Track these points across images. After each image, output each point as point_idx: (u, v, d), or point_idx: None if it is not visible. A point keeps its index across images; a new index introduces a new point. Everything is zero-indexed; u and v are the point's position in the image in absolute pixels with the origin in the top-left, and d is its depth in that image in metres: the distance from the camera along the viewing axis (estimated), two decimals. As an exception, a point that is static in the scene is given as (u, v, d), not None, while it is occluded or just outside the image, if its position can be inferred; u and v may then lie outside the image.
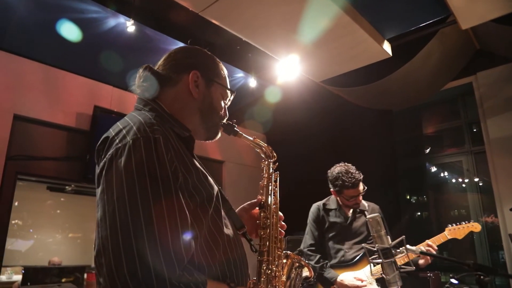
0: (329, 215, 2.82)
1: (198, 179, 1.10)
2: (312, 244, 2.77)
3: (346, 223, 2.76)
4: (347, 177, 2.63)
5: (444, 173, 5.24)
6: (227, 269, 1.11)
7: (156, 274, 0.86)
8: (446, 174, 5.22)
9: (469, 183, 4.79)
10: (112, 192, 0.93)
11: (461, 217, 4.78)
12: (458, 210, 4.93)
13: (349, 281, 2.51)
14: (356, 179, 2.63)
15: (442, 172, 5.25)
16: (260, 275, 1.24)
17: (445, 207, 5.09)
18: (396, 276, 1.54)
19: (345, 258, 2.67)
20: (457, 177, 5.05)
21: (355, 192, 2.65)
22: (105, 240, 0.89)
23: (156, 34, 3.41)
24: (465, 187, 4.84)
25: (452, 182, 5.16)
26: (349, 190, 2.64)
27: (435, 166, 5.26)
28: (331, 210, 2.83)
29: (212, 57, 1.35)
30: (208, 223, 1.10)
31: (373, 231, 1.63)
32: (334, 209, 2.82)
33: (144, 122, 1.03)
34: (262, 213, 1.35)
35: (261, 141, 1.46)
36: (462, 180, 4.94)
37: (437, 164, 5.24)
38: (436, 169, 5.27)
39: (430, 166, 5.27)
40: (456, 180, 5.09)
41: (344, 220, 2.78)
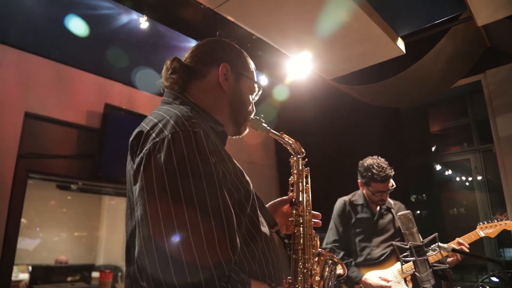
0: (356, 211, 2.73)
1: (235, 175, 1.07)
2: (336, 240, 2.69)
3: (373, 219, 2.69)
4: (378, 170, 2.56)
5: (451, 171, 5.23)
6: (266, 268, 1.08)
7: (205, 277, 0.83)
8: (454, 172, 5.22)
9: (477, 181, 4.78)
10: (152, 189, 0.89)
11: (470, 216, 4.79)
12: (467, 208, 4.94)
13: (373, 281, 2.42)
14: (386, 174, 2.56)
15: (449, 170, 5.24)
16: (296, 274, 1.21)
17: (453, 206, 5.09)
18: (429, 274, 1.53)
19: (371, 256, 2.59)
20: (465, 175, 5.05)
21: (383, 187, 2.58)
22: (147, 241, 0.85)
23: (168, 31, 3.38)
24: (473, 185, 4.84)
25: (460, 181, 5.15)
26: (377, 184, 2.57)
27: (442, 164, 5.26)
28: (358, 205, 2.75)
29: (240, 50, 1.33)
30: (246, 221, 1.07)
31: (404, 228, 1.61)
32: (361, 205, 2.74)
33: (181, 115, 0.99)
34: (294, 210, 1.32)
35: (289, 137, 1.43)
36: (469, 178, 4.94)
37: (444, 162, 5.23)
38: (443, 167, 5.26)
39: (437, 164, 5.26)
40: (464, 178, 5.08)
41: (371, 216, 2.70)
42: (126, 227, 1.07)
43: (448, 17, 3.30)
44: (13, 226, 3.21)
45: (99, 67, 3.70)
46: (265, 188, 5.14)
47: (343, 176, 4.60)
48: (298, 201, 1.33)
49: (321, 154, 5.11)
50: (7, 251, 3.13)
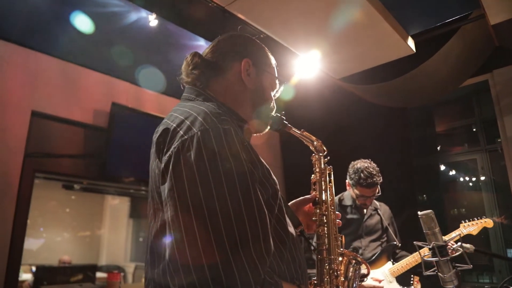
0: (346, 212, 2.77)
1: (263, 174, 1.04)
2: None
3: (362, 220, 2.74)
4: (365, 175, 2.56)
5: (457, 171, 5.22)
6: (294, 269, 1.06)
7: (241, 279, 0.80)
8: (460, 172, 5.20)
9: (483, 181, 4.77)
10: (183, 189, 0.85)
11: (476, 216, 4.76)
12: (473, 208, 4.92)
13: (366, 282, 2.44)
14: (373, 181, 2.56)
15: (455, 170, 5.22)
16: (322, 275, 1.19)
17: (459, 206, 5.07)
18: (453, 275, 1.50)
19: (363, 257, 2.63)
20: (471, 175, 5.03)
21: (368, 192, 2.60)
22: (180, 243, 0.82)
23: (177, 29, 3.34)
24: (480, 185, 4.82)
25: (466, 181, 5.14)
26: (362, 189, 2.59)
27: (448, 164, 5.24)
28: (347, 206, 2.78)
29: (261, 45, 1.30)
30: (273, 221, 1.03)
31: (425, 228, 1.59)
32: (349, 206, 2.77)
33: (209, 112, 0.96)
34: (318, 209, 1.30)
35: (310, 134, 1.41)
36: (476, 178, 4.92)
37: (450, 162, 5.21)
38: (450, 167, 5.24)
39: (444, 164, 5.24)
40: (470, 178, 5.07)
41: (360, 217, 2.75)
42: (150, 228, 1.04)
43: (459, 16, 3.28)
44: (20, 226, 3.18)
45: (106, 65, 3.66)
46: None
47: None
48: (321, 200, 1.31)
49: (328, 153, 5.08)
50: (14, 251, 3.10)
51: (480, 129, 4.85)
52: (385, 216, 2.80)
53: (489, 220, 2.55)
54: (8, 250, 3.01)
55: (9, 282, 3.04)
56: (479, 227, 2.53)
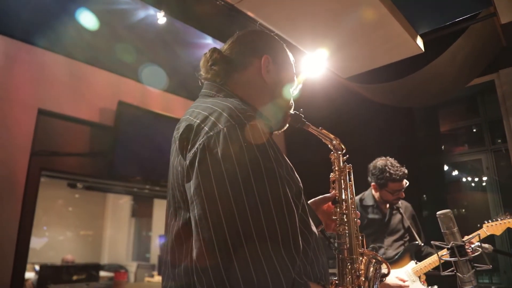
0: (367, 212, 2.75)
1: (287, 172, 1.01)
2: None
3: (384, 220, 2.72)
4: (395, 170, 2.57)
5: (463, 171, 5.21)
6: (317, 268, 1.04)
7: (272, 280, 0.78)
8: (465, 172, 5.19)
9: (488, 181, 4.76)
10: (211, 187, 0.83)
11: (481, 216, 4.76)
12: (478, 208, 4.91)
13: (391, 281, 2.42)
14: (403, 172, 2.59)
15: (461, 170, 5.21)
16: (344, 275, 1.17)
17: (464, 205, 5.07)
18: (472, 275, 1.49)
19: (386, 256, 2.62)
20: (477, 175, 5.02)
21: (400, 186, 2.60)
22: (209, 242, 0.80)
23: (184, 27, 3.32)
24: (485, 185, 4.81)
25: (471, 181, 5.13)
26: (395, 184, 2.58)
27: (453, 164, 5.23)
28: (368, 206, 2.76)
29: (280, 42, 1.28)
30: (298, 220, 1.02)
31: (444, 228, 1.57)
32: (371, 206, 2.76)
33: (235, 108, 0.93)
34: (338, 208, 1.28)
35: (328, 132, 1.39)
36: (481, 178, 4.91)
37: (455, 162, 5.20)
38: (455, 167, 5.23)
39: (449, 164, 5.23)
40: (475, 178, 5.06)
41: (382, 217, 2.73)
42: (169, 227, 1.02)
43: (468, 16, 3.26)
44: (26, 224, 3.17)
45: (113, 64, 3.65)
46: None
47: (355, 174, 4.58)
48: (341, 199, 1.29)
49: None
50: (20, 250, 3.09)
51: (485, 129, 4.84)
52: (406, 215, 2.77)
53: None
54: (15, 248, 2.99)
55: (16, 280, 3.03)
56: (503, 227, 2.42)
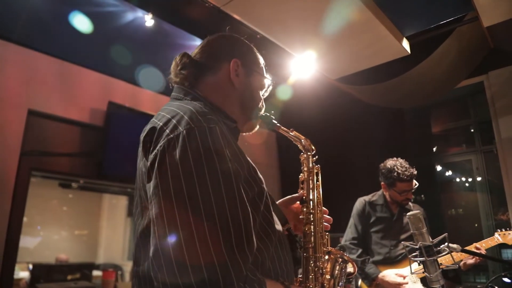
0: (376, 210, 2.81)
1: (249, 173, 1.04)
2: (355, 237, 2.77)
3: (393, 219, 2.76)
4: (403, 170, 2.63)
5: (453, 171, 5.24)
6: (279, 266, 1.07)
7: (223, 276, 0.81)
8: (455, 173, 5.22)
9: (478, 182, 4.79)
10: (168, 187, 0.86)
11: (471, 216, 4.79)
12: (468, 209, 4.94)
13: (390, 278, 2.49)
14: (412, 173, 2.64)
15: (451, 171, 5.24)
16: (307, 272, 1.20)
17: (454, 206, 5.10)
18: (439, 274, 1.52)
19: (390, 255, 2.65)
20: (466, 176, 5.05)
21: (408, 186, 2.65)
22: (163, 240, 0.83)
23: (173, 29, 3.36)
24: (475, 186, 4.85)
25: (461, 181, 5.16)
26: (403, 184, 2.63)
27: (444, 165, 5.26)
28: (377, 205, 2.82)
29: (250, 46, 1.30)
30: (260, 219, 1.04)
31: (413, 229, 1.60)
32: (380, 205, 2.82)
33: (196, 111, 0.97)
34: (305, 208, 1.31)
35: (299, 134, 1.41)
36: (471, 179, 4.94)
37: (446, 163, 5.23)
38: (445, 168, 5.26)
39: (439, 164, 5.27)
40: (465, 179, 5.09)
41: (390, 216, 2.77)
42: (136, 225, 1.05)
43: (453, 18, 3.30)
44: (15, 224, 3.20)
45: (103, 64, 3.68)
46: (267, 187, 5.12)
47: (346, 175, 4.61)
48: (308, 199, 1.32)
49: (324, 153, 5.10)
50: (10, 249, 3.12)
51: (476, 130, 4.87)
52: None
53: None
54: (4, 248, 3.02)
55: (5, 279, 3.06)
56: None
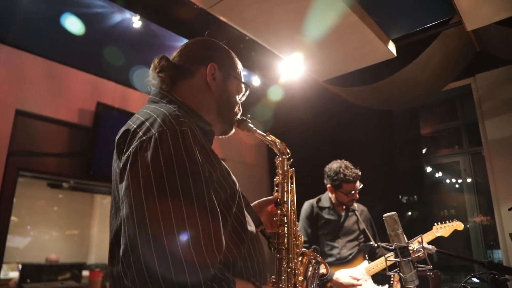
0: (323, 213, 2.89)
1: (221, 175, 1.07)
2: (306, 241, 2.82)
3: (340, 221, 2.85)
4: (349, 172, 2.72)
5: (441, 173, 5.29)
6: (251, 267, 1.09)
7: (190, 275, 0.83)
8: (443, 174, 5.28)
9: (466, 183, 4.85)
10: (139, 188, 0.89)
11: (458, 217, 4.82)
12: (455, 210, 5.00)
13: (344, 279, 2.56)
14: (356, 174, 2.74)
15: (439, 172, 5.30)
16: (280, 273, 1.23)
17: (442, 207, 5.15)
18: (413, 274, 1.55)
19: (341, 256, 2.75)
20: (454, 177, 5.11)
21: (354, 187, 2.74)
22: (133, 239, 0.86)
23: (162, 30, 3.38)
24: (462, 187, 4.91)
25: (449, 182, 5.22)
26: (349, 185, 2.73)
27: (432, 166, 5.32)
28: (324, 208, 2.90)
29: (228, 50, 1.33)
30: (232, 220, 1.07)
31: (389, 230, 1.63)
32: (327, 207, 2.90)
33: (169, 114, 0.99)
34: (279, 210, 1.34)
35: (275, 137, 1.44)
36: (459, 180, 5.00)
37: (434, 164, 5.29)
38: (434, 169, 5.32)
39: (428, 166, 5.32)
40: (453, 180, 5.15)
41: (337, 218, 2.86)
42: (111, 226, 1.07)
43: (439, 21, 3.34)
44: (3, 224, 3.20)
45: (91, 65, 3.68)
46: (257, 188, 5.17)
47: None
48: (282, 201, 1.35)
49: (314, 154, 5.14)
50: (-3, 249, 3.12)
51: (463, 132, 4.93)
52: (362, 217, 2.89)
53: (459, 223, 2.66)
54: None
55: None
56: (450, 229, 2.63)
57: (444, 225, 2.63)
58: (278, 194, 1.37)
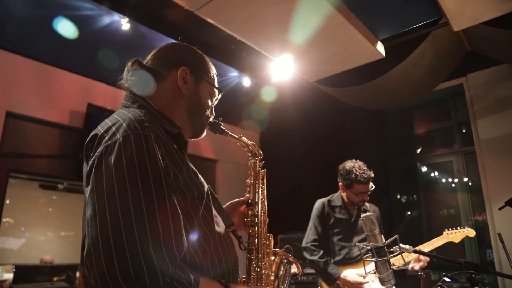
0: (334, 212, 2.87)
1: (188, 177, 1.09)
2: (316, 239, 2.82)
3: (351, 221, 2.83)
4: (361, 172, 2.67)
5: (435, 173, 5.30)
6: (219, 267, 1.12)
7: (149, 273, 0.86)
8: (437, 174, 5.28)
9: (459, 183, 4.85)
10: (102, 190, 0.92)
11: (451, 217, 4.84)
12: (448, 209, 5.00)
13: (351, 277, 2.57)
14: (369, 175, 2.68)
15: (433, 172, 5.30)
16: (249, 272, 1.26)
17: (436, 207, 5.15)
18: (390, 274, 1.56)
19: (350, 256, 2.73)
20: (448, 177, 5.12)
21: (365, 188, 2.70)
22: (95, 239, 0.88)
23: (151, 32, 3.40)
24: (455, 187, 4.91)
25: (443, 182, 5.22)
26: (360, 185, 2.68)
27: (426, 166, 5.32)
28: (336, 207, 2.88)
29: (201, 55, 1.34)
30: (199, 221, 1.10)
31: (367, 230, 1.65)
32: (339, 206, 2.88)
33: (134, 119, 1.02)
34: (250, 211, 1.37)
35: (247, 139, 1.45)
36: (452, 180, 5.00)
37: (428, 164, 5.29)
38: (427, 169, 5.32)
39: (421, 166, 5.32)
40: (447, 180, 5.15)
41: (349, 218, 2.84)
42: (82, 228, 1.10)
43: (428, 21, 3.35)
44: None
45: (82, 67, 3.70)
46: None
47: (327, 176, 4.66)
48: (254, 202, 1.37)
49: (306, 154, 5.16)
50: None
51: (456, 132, 4.94)
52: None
53: (471, 230, 2.60)
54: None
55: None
56: (461, 236, 2.58)
57: (455, 231, 2.60)
58: (249, 195, 1.39)
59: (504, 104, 4.15)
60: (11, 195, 3.34)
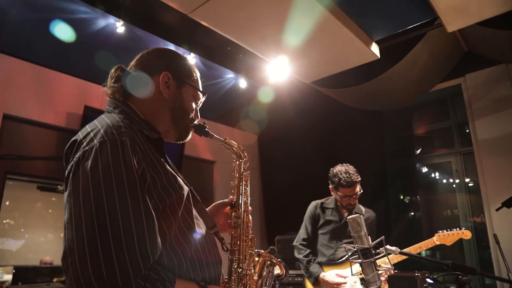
0: (325, 213, 2.93)
1: (167, 180, 1.11)
2: (305, 239, 2.91)
3: (340, 222, 2.86)
4: (344, 176, 2.73)
5: (433, 173, 5.28)
6: (199, 268, 1.13)
7: (121, 275, 0.88)
8: (436, 174, 5.27)
9: (458, 183, 4.84)
10: (78, 195, 0.94)
11: (450, 217, 4.83)
12: (447, 210, 4.98)
13: (330, 278, 2.63)
14: (352, 180, 2.72)
15: (431, 172, 5.29)
16: (231, 273, 1.27)
17: (435, 207, 5.14)
18: (376, 275, 1.57)
19: (334, 257, 2.77)
20: (447, 177, 5.10)
21: (349, 191, 2.75)
22: (71, 242, 0.90)
23: (146, 34, 3.42)
24: (454, 187, 4.89)
25: (442, 183, 5.21)
26: (344, 189, 2.74)
27: (425, 167, 5.31)
28: (328, 208, 2.95)
29: (184, 59, 1.36)
30: (178, 223, 1.11)
31: (353, 231, 1.65)
32: (331, 208, 2.94)
33: (111, 125, 1.04)
34: (234, 212, 1.38)
35: (232, 141, 1.46)
36: (451, 180, 4.99)
37: (426, 165, 5.28)
38: (426, 170, 5.31)
39: (420, 166, 5.31)
40: (446, 180, 5.14)
41: (338, 220, 2.88)
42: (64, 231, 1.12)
43: (422, 22, 3.35)
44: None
45: (78, 69, 3.72)
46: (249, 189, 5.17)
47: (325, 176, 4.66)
48: (237, 204, 1.38)
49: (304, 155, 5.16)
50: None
51: (455, 132, 4.92)
52: (366, 223, 2.86)
53: (467, 232, 2.49)
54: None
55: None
56: (455, 238, 2.48)
57: (448, 233, 2.50)
58: (233, 197, 1.40)
59: (502, 104, 4.14)
60: (10, 197, 3.36)
